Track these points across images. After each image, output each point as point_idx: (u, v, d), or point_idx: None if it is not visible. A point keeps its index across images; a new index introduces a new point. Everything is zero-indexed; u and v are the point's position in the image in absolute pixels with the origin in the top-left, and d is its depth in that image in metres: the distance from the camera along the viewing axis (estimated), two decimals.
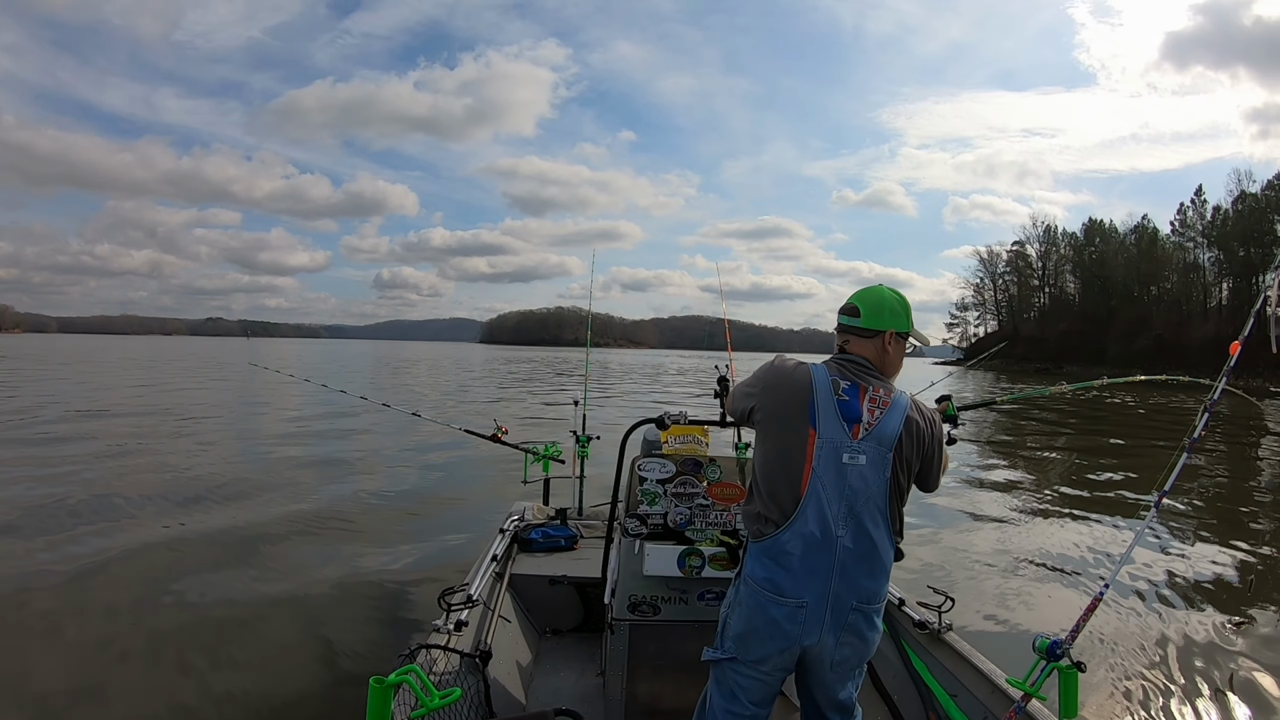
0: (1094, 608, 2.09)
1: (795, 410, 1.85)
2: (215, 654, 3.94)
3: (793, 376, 1.91)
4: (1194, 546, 6.63)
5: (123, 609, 4.53)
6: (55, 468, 8.70)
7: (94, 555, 5.39)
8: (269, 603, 4.66)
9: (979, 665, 2.53)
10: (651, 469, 2.63)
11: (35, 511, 6.66)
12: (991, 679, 2.43)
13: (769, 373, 1.97)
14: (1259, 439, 17.43)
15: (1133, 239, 78.89)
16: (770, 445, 1.90)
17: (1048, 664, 2.01)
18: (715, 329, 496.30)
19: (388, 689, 1.75)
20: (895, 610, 3.11)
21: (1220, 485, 10.43)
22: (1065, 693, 1.96)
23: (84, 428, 12.55)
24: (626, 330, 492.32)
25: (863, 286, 2.05)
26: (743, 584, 1.90)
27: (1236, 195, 65.90)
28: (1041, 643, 2.03)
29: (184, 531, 6.17)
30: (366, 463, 10.01)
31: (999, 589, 5.38)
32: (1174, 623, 4.70)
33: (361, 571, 5.32)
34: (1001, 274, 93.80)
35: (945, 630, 2.78)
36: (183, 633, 4.18)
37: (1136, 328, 69.51)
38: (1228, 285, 67.31)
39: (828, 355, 2.02)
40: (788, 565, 1.80)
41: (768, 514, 1.84)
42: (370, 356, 69.76)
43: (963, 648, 2.66)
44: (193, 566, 5.28)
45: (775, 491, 1.84)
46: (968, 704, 2.49)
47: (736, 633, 1.91)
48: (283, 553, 5.74)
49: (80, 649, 3.93)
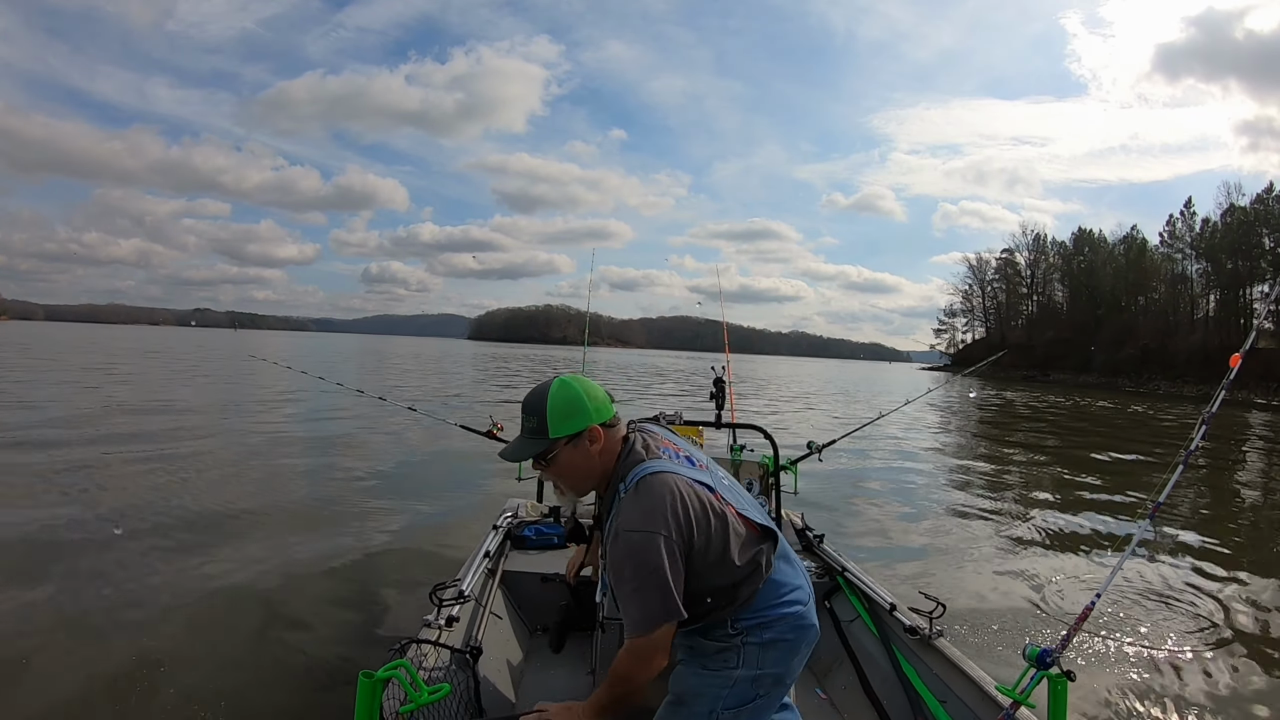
0: (1085, 616, 2.10)
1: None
2: (200, 647, 3.90)
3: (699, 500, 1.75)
4: (1185, 558, 6.69)
5: (110, 601, 4.46)
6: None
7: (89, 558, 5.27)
8: (255, 595, 4.62)
9: (968, 671, 2.54)
10: None
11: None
12: (981, 686, 2.43)
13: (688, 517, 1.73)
14: (1244, 454, 17.62)
15: (1121, 249, 79.58)
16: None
17: (1037, 672, 2.00)
18: (704, 330, 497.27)
19: (376, 684, 1.74)
20: (886, 615, 3.12)
21: (1212, 495, 10.53)
22: (1054, 701, 1.96)
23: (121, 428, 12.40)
24: (615, 330, 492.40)
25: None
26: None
27: (1226, 208, 66.59)
28: (1032, 650, 2.03)
29: (164, 520, 6.13)
30: (359, 456, 9.98)
31: (990, 596, 5.41)
32: (1165, 633, 4.75)
33: (352, 565, 5.30)
34: (990, 281, 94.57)
35: (936, 636, 2.79)
36: (166, 625, 4.13)
37: (1123, 337, 70.08)
38: (1215, 297, 67.92)
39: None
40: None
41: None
42: (359, 350, 69.40)
43: (953, 654, 2.67)
44: (176, 557, 5.23)
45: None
46: (956, 710, 2.49)
47: (779, 674, 1.86)
48: (270, 544, 5.67)
49: (60, 646, 3.86)
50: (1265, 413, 35.50)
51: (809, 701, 3.06)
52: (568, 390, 1.78)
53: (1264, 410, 37.33)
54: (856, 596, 3.43)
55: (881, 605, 3.19)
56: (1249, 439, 20.72)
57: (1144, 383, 60.28)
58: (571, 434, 1.76)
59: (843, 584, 3.58)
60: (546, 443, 1.76)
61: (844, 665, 3.18)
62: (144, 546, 5.44)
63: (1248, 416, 31.25)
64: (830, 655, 3.33)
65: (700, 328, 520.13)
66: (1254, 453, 17.85)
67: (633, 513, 1.69)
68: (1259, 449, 18.84)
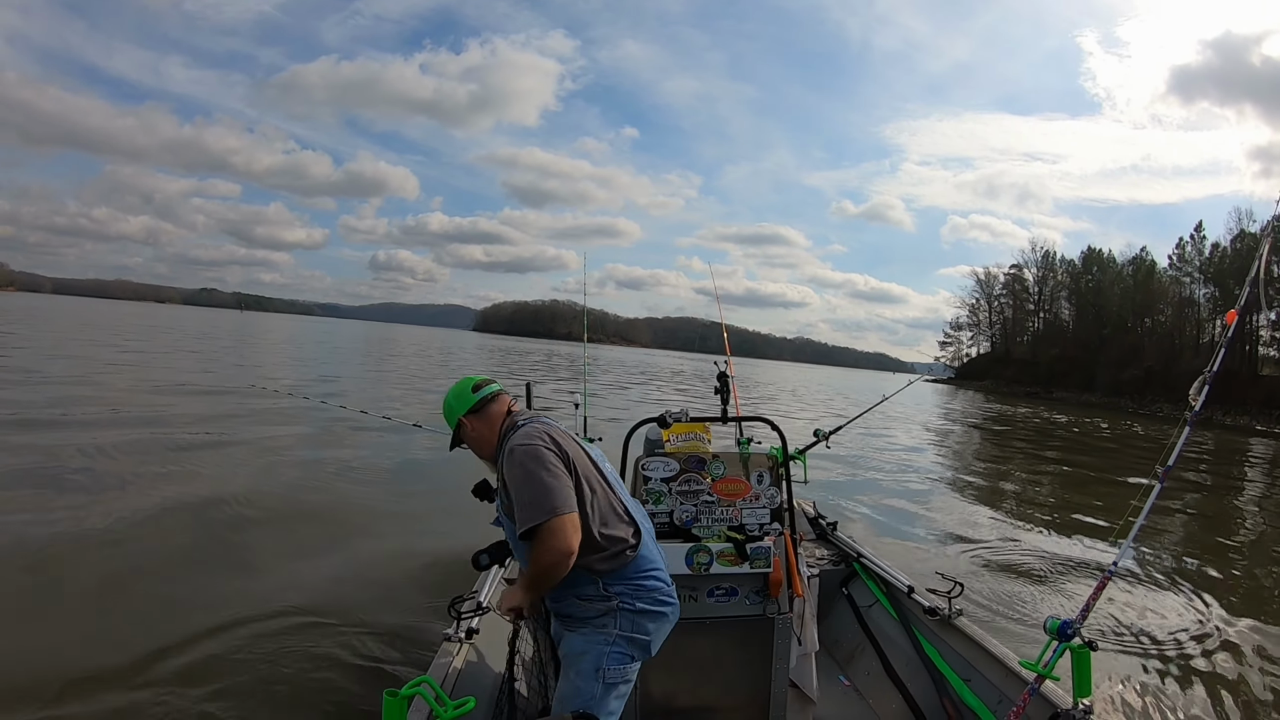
0: (1103, 587, 2.17)
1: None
2: (219, 666, 3.77)
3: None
4: (1193, 544, 6.78)
5: (126, 611, 4.37)
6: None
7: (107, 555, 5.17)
8: (275, 616, 4.42)
9: (991, 649, 2.60)
10: (655, 468, 2.68)
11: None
12: (1004, 662, 2.49)
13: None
14: (1244, 472, 17.64)
15: (1130, 270, 79.22)
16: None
17: (1059, 644, 2.08)
18: (709, 332, 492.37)
19: (402, 701, 1.75)
20: (904, 597, 3.19)
21: (1215, 498, 10.61)
22: (1078, 672, 2.03)
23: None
24: (620, 328, 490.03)
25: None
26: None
27: (1236, 234, 66.24)
28: (1052, 623, 2.10)
29: (183, 537, 5.81)
30: (372, 468, 9.35)
31: (1007, 575, 5.50)
32: (1181, 606, 4.85)
33: (369, 579, 5.15)
34: (998, 296, 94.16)
35: (956, 616, 2.86)
36: (182, 641, 3.98)
37: (1128, 357, 69.71)
38: (1220, 323, 67.46)
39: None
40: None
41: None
42: (365, 339, 69.07)
43: (974, 632, 2.74)
44: (194, 572, 5.09)
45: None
46: (981, 688, 2.54)
47: (647, 640, 2.17)
48: (286, 561, 5.45)
49: (70, 647, 3.79)
50: (1266, 439, 35.40)
51: (833, 690, 3.12)
52: (445, 402, 2.38)
53: (1265, 437, 37.21)
54: (874, 581, 3.50)
55: (899, 588, 3.27)
56: (1251, 463, 20.72)
57: (1146, 404, 60.06)
58: (455, 428, 2.35)
59: (859, 570, 3.65)
60: (454, 437, 2.38)
61: (866, 650, 3.24)
62: (156, 559, 5.28)
63: (1248, 442, 31.20)
64: (851, 641, 3.39)
65: (705, 329, 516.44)
66: (1254, 474, 17.87)
67: (518, 439, 2.14)
68: (1261, 472, 18.86)
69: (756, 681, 2.63)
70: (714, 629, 2.60)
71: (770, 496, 2.69)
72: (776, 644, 2.62)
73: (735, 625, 2.62)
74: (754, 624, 2.62)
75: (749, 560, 2.57)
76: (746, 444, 3.12)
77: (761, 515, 2.66)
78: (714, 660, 2.62)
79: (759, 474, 2.69)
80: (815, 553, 3.83)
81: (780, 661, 2.63)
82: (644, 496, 2.63)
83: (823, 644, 3.30)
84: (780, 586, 2.60)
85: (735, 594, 2.61)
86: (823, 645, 3.29)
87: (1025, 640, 4.11)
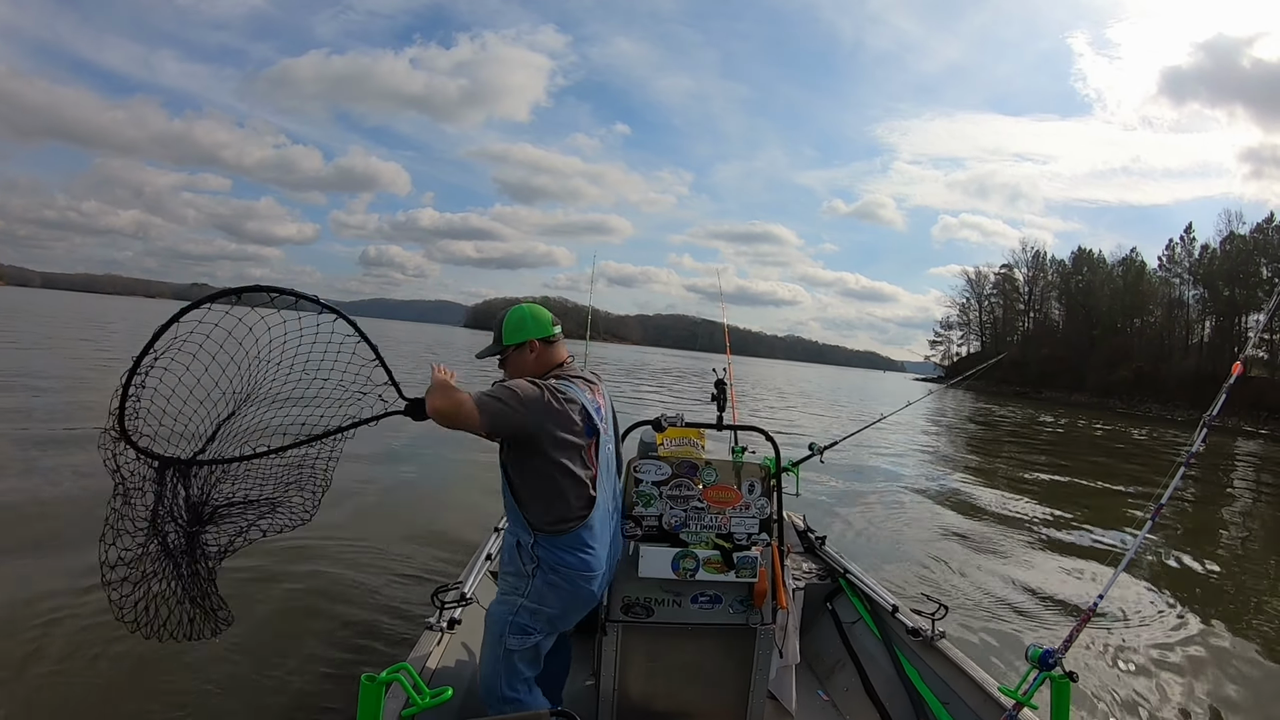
0: (1087, 620, 2.17)
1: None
2: (201, 649, 3.63)
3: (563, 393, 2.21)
4: (1183, 567, 6.80)
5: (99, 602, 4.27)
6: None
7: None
8: (257, 598, 4.40)
9: (971, 673, 2.59)
10: (647, 471, 2.66)
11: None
12: (984, 687, 2.48)
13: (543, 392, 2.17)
14: (1231, 477, 17.79)
15: (1120, 270, 79.76)
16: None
17: (1040, 673, 2.07)
18: (700, 329, 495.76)
19: (379, 687, 1.74)
20: (888, 616, 3.17)
21: (1207, 511, 10.66)
22: (1057, 702, 2.02)
23: None
24: (612, 325, 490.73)
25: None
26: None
27: (1225, 235, 66.80)
28: (1034, 652, 2.09)
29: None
30: (359, 459, 8.89)
31: (989, 600, 5.50)
32: (1165, 640, 4.85)
33: (354, 567, 5.16)
34: (988, 295, 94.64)
35: (939, 638, 2.85)
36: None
37: (1117, 358, 70.25)
38: (1210, 323, 68.10)
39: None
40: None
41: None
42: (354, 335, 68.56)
43: (955, 655, 2.72)
44: None
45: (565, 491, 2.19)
46: (959, 711, 2.54)
47: (553, 615, 2.21)
48: (270, 546, 5.34)
49: (54, 646, 3.70)
50: (1253, 440, 35.75)
51: (811, 703, 3.11)
52: (518, 312, 2.34)
53: (1252, 438, 37.59)
54: (858, 598, 3.48)
55: (883, 607, 3.25)
56: (1240, 465, 20.90)
57: (1135, 405, 60.55)
58: (516, 344, 2.30)
59: (844, 586, 3.64)
60: (499, 347, 2.33)
61: (846, 667, 3.23)
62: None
63: (1236, 443, 31.50)
64: (832, 657, 3.38)
65: (696, 327, 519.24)
66: (1245, 472, 18.02)
67: (549, 381, 2.18)
68: (1249, 475, 19.02)
69: (735, 690, 2.64)
70: (696, 635, 2.60)
71: (760, 507, 2.67)
72: (757, 654, 2.62)
73: (717, 633, 2.62)
74: (736, 633, 2.62)
75: (735, 569, 2.57)
76: (740, 453, 3.11)
77: (750, 525, 2.65)
78: (694, 666, 2.63)
79: (750, 484, 2.68)
80: (802, 566, 3.82)
81: (760, 672, 2.64)
82: (634, 499, 2.63)
83: (804, 658, 3.29)
84: (765, 597, 2.59)
85: (719, 602, 2.61)
86: (803, 659, 3.28)
87: (1006, 667, 4.11)
